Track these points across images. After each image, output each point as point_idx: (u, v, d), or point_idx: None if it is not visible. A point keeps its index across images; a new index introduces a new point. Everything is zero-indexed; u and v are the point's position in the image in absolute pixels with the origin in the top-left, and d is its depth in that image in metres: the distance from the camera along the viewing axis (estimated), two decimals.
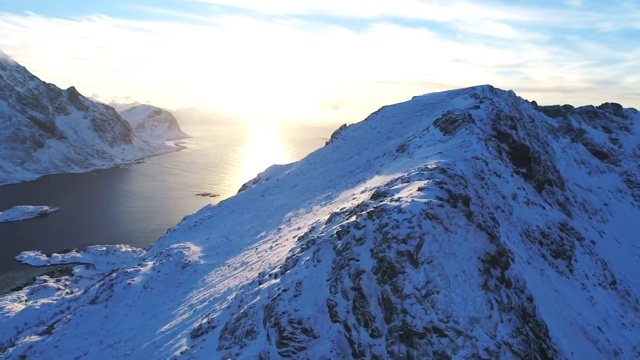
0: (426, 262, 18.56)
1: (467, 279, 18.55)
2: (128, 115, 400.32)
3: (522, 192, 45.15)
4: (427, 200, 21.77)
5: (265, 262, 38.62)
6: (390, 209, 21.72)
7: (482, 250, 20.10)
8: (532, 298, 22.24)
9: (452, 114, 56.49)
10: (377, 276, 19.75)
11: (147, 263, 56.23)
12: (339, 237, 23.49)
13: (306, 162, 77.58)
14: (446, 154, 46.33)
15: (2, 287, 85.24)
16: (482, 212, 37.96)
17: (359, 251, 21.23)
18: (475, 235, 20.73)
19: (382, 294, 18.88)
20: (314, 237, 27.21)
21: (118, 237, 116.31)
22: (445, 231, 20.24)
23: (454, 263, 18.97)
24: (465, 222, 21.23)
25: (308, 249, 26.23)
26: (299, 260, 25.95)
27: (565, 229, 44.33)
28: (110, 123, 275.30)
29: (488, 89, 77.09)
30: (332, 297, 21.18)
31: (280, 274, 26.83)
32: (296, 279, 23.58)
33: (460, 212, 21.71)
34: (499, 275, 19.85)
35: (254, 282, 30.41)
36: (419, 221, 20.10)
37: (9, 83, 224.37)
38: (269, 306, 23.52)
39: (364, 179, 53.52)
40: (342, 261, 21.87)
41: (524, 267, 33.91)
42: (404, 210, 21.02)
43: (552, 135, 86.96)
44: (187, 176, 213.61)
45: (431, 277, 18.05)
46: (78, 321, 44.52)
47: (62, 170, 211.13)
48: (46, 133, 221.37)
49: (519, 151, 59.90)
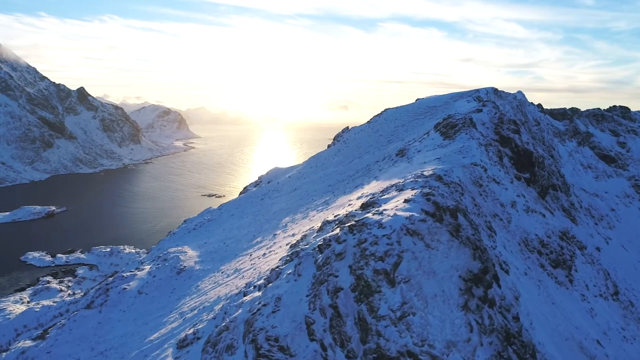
0: (403, 281, 17.84)
1: (446, 299, 17.79)
2: (137, 115, 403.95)
3: (521, 199, 44.09)
4: (409, 215, 21.03)
5: (257, 270, 38.11)
6: (371, 223, 21.03)
7: (465, 268, 19.32)
8: (518, 317, 21.38)
9: (453, 118, 55.53)
10: (354, 294, 19.06)
11: (144, 267, 56.04)
12: (320, 251, 22.85)
13: (307, 165, 76.99)
14: (444, 160, 45.49)
15: (6, 288, 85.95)
16: (478, 221, 37.13)
17: (338, 267, 20.57)
18: (457, 251, 19.95)
19: (359, 314, 18.20)
20: (297, 250, 26.60)
21: (123, 238, 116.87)
22: (426, 248, 19.49)
23: (433, 282, 18.21)
24: (448, 238, 20.45)
25: (291, 262, 25.64)
26: (281, 273, 25.38)
27: (566, 237, 43.18)
28: (119, 123, 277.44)
29: (492, 92, 75.85)
30: (310, 314, 20.54)
31: (263, 286, 26.26)
32: (276, 293, 22.99)
33: (444, 227, 20.93)
34: (481, 295, 19.04)
35: (240, 293, 29.89)
36: (399, 237, 19.37)
37: (19, 84, 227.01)
38: (249, 321, 22.97)
39: (362, 184, 52.80)
40: (322, 276, 21.22)
41: (519, 279, 32.96)
42: (384, 225, 20.31)
43: (558, 138, 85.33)
44: (194, 177, 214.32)
45: (407, 298, 17.32)
46: (72, 326, 44.38)
47: (71, 170, 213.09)
48: (55, 133, 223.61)
49: (522, 156, 58.70)
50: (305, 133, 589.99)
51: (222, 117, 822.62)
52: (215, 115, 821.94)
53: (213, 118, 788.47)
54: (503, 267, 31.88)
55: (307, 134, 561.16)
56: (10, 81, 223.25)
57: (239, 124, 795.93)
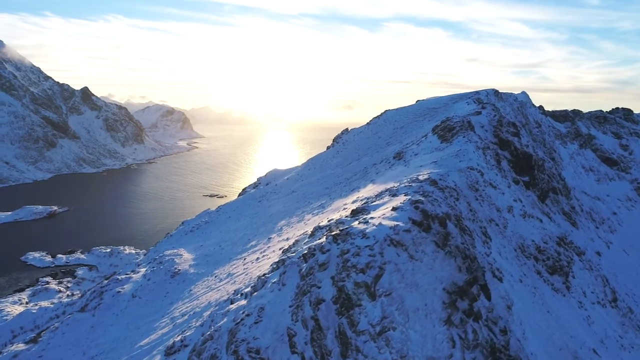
0: (384, 294, 17.36)
1: (428, 314, 17.30)
2: (141, 114, 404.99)
3: (518, 204, 43.44)
4: (394, 225, 20.54)
5: (248, 275, 37.72)
6: (355, 232, 20.55)
7: (449, 281, 18.81)
8: (506, 330, 20.84)
9: (451, 121, 54.92)
10: (336, 307, 18.60)
11: (140, 270, 55.81)
12: (305, 260, 22.41)
13: (305, 167, 76.53)
14: (440, 164, 44.93)
15: (6, 288, 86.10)
16: (473, 227, 36.56)
17: (321, 278, 20.11)
18: (443, 263, 19.44)
19: (339, 327, 17.74)
20: (284, 258, 26.17)
21: (123, 238, 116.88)
22: (410, 259, 19.00)
23: (416, 295, 17.72)
24: (433, 249, 19.95)
25: (277, 270, 25.23)
26: (267, 281, 24.97)
27: (563, 243, 42.48)
28: (122, 123, 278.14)
29: (493, 93, 75.09)
30: (292, 326, 20.11)
31: (249, 295, 25.85)
32: (260, 303, 22.58)
33: (429, 238, 20.41)
34: (466, 308, 18.52)
35: (228, 300, 29.49)
36: (382, 248, 18.89)
37: (23, 83, 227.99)
38: (233, 331, 22.57)
39: (359, 187, 52.31)
40: (305, 287, 20.78)
41: (513, 287, 32.37)
42: (368, 236, 19.82)
43: (560, 140, 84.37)
44: (196, 177, 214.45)
45: (388, 312, 16.84)
46: (65, 330, 44.20)
47: (74, 169, 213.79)
48: (59, 133, 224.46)
49: (521, 159, 58.02)
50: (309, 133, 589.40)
51: (227, 117, 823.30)
52: (219, 115, 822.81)
53: (217, 118, 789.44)
54: (496, 274, 31.32)
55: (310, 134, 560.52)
56: (14, 81, 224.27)
57: (244, 123, 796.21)
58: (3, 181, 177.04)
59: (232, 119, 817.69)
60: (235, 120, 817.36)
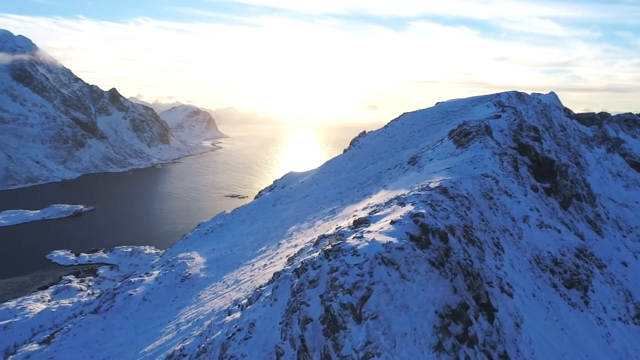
0: (371, 317, 16.54)
1: (417, 339, 16.39)
2: (168, 115, 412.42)
3: (535, 213, 41.66)
4: (387, 241, 19.66)
5: (253, 283, 37.37)
6: (346, 249, 19.77)
7: (442, 303, 17.83)
8: (507, 355, 19.69)
9: (467, 125, 53.31)
10: (323, 327, 17.90)
11: (153, 272, 56.34)
12: (297, 275, 21.76)
13: (321, 171, 75.92)
14: (454, 170, 43.63)
15: (30, 286, 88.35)
16: (484, 238, 35.19)
17: (311, 295, 19.42)
18: (436, 284, 18.47)
19: (324, 350, 17.03)
20: (280, 271, 25.59)
21: (145, 238, 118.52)
22: (401, 279, 18.11)
23: (405, 319, 16.84)
24: (427, 268, 18.98)
25: (272, 282, 24.69)
26: (261, 294, 24.46)
27: (583, 255, 40.49)
28: (148, 123, 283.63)
29: (515, 95, 72.76)
30: (280, 345, 19.51)
31: (245, 307, 25.40)
32: (251, 318, 22.08)
33: (424, 256, 19.44)
34: (459, 333, 17.51)
35: (227, 311, 29.14)
36: (371, 267, 18.06)
37: (54, 85, 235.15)
38: (224, 345, 22.16)
39: (371, 193, 51.42)
40: (295, 304, 20.14)
41: (524, 302, 30.90)
42: (359, 253, 19.02)
43: (586, 145, 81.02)
44: (218, 177, 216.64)
45: (373, 337, 16.02)
46: (76, 332, 44.90)
47: (102, 169, 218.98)
48: (88, 133, 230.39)
49: (542, 165, 55.94)
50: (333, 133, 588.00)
51: (252, 117, 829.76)
52: (245, 115, 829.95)
53: (243, 118, 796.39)
54: (506, 289, 29.95)
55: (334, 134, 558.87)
56: (46, 83, 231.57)
57: (269, 123, 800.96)
58: (33, 180, 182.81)
59: (257, 119, 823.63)
60: (260, 120, 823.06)
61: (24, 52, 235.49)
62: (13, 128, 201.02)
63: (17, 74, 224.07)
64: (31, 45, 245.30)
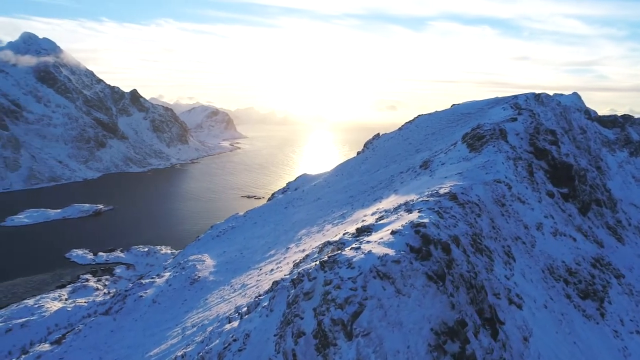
0: (362, 334, 16.01)
1: (410, 357, 15.78)
2: (187, 115, 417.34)
3: (549, 220, 40.33)
4: (383, 253, 19.07)
5: (259, 289, 37.14)
6: (342, 261, 19.25)
7: (438, 320, 17.16)
8: None
9: (481, 129, 52.10)
10: (316, 341, 17.45)
11: (164, 274, 56.73)
12: (294, 286, 21.34)
13: (334, 174, 75.43)
14: (466, 175, 42.65)
15: (49, 284, 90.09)
16: (494, 246, 34.20)
17: (305, 308, 18.99)
18: (433, 299, 17.80)
19: None
20: (278, 280, 25.21)
21: (161, 237, 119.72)
22: (396, 294, 17.51)
23: (398, 336, 16.25)
24: (424, 283, 18.32)
25: (271, 292, 24.33)
26: (259, 303, 24.14)
27: (599, 264, 39.03)
28: (168, 124, 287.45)
29: (533, 97, 70.95)
30: (273, 357, 19.14)
31: (245, 315, 25.13)
32: (247, 328, 21.77)
33: (420, 270, 18.78)
34: (456, 351, 16.82)
35: (227, 318, 28.93)
36: (365, 282, 17.51)
37: (77, 86, 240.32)
38: (220, 355, 21.94)
39: (381, 197, 50.72)
40: (290, 316, 19.73)
41: (535, 314, 29.83)
42: (353, 265, 18.48)
43: (607, 148, 78.42)
44: (235, 177, 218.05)
45: (364, 354, 15.50)
46: (87, 333, 45.42)
47: (122, 169, 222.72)
48: (109, 133, 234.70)
49: (560, 169, 54.30)
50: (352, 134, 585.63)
51: (271, 117, 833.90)
52: (263, 115, 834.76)
53: (261, 118, 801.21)
54: (514, 300, 28.95)
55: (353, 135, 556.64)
56: (69, 84, 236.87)
57: (287, 124, 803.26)
58: (56, 179, 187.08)
59: (276, 120, 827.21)
60: (278, 120, 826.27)
61: (48, 54, 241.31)
62: (37, 128, 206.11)
63: (42, 75, 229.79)
64: (55, 48, 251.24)
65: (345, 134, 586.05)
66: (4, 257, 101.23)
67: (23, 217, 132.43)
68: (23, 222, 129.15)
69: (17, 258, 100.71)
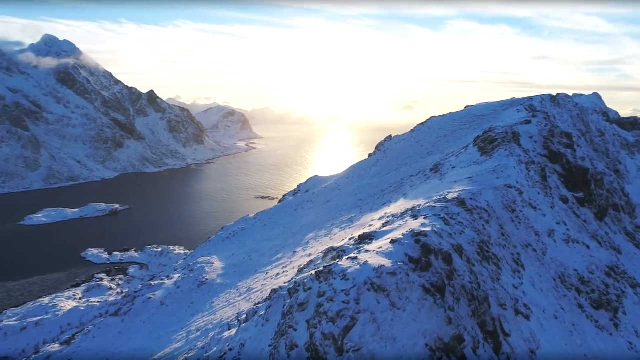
0: (353, 349, 15.55)
1: None
2: (204, 116, 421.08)
3: (561, 227, 39.17)
4: (379, 265, 18.57)
5: (263, 294, 36.93)
6: (337, 272, 18.80)
7: (434, 335, 16.59)
8: None
9: (493, 132, 51.01)
10: (308, 355, 17.05)
11: (174, 275, 57.00)
12: (290, 295, 20.97)
13: (344, 176, 74.90)
14: (475, 180, 41.78)
15: (64, 283, 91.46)
16: (503, 254, 33.33)
17: (299, 319, 18.59)
18: (429, 313, 17.23)
19: None
20: (276, 288, 24.87)
21: (175, 238, 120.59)
22: (390, 307, 17.00)
23: (390, 352, 15.74)
24: (420, 296, 17.75)
25: (268, 300, 24.01)
26: (257, 312, 23.85)
27: (614, 273, 37.73)
28: (184, 124, 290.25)
29: (548, 99, 69.31)
30: None
31: (242, 323, 24.87)
32: (243, 338, 21.50)
33: (417, 283, 18.22)
34: None
35: (227, 325, 28.74)
36: (358, 294, 17.04)
37: (95, 87, 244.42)
38: None
39: (390, 201, 50.10)
40: (284, 327, 19.37)
41: (543, 325, 28.90)
42: (348, 277, 18.02)
43: (627, 151, 76.10)
44: (249, 178, 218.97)
45: None
46: (95, 334, 45.85)
47: (138, 169, 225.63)
48: (126, 134, 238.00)
49: (575, 173, 52.88)
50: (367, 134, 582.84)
51: (286, 118, 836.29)
52: (279, 116, 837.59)
53: (277, 118, 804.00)
54: (522, 311, 28.09)
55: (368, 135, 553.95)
56: (88, 85, 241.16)
57: (303, 124, 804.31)
58: (74, 179, 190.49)
59: (292, 120, 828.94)
60: (294, 120, 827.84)
61: (68, 56, 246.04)
62: (57, 129, 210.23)
63: (62, 77, 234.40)
64: (75, 50, 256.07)
65: (361, 135, 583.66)
66: (23, 256, 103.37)
67: (42, 216, 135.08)
68: (41, 221, 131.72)
69: (35, 257, 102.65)
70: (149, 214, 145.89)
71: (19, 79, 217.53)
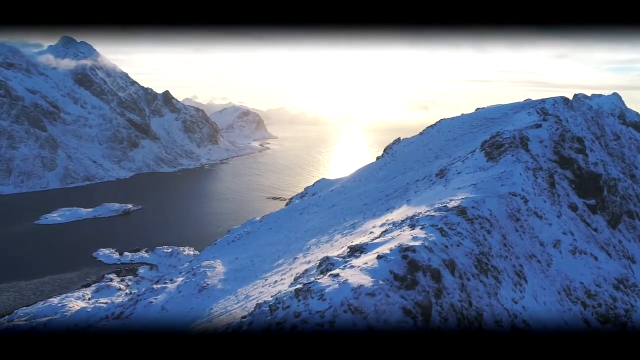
0: None
1: None
2: (219, 116, 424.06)
3: (568, 237, 37.76)
4: (359, 284, 17.81)
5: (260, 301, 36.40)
6: (315, 290, 18.11)
7: None
8: None
9: (500, 136, 49.63)
10: None
11: (177, 279, 56.97)
12: (271, 312, 20.32)
13: (351, 179, 74.08)
14: (479, 187, 40.62)
15: (75, 283, 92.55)
16: (504, 265, 32.21)
17: None
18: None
19: None
20: (261, 302, 24.24)
21: (187, 238, 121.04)
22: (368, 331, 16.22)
23: None
24: (399, 318, 16.94)
25: (251, 316, 23.38)
26: (241, 327, 23.24)
27: (623, 286, 36.22)
28: (198, 125, 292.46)
29: (561, 102, 67.38)
30: None
31: None
32: None
33: (397, 305, 17.38)
34: None
35: None
36: (334, 316, 16.31)
37: (112, 88, 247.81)
38: None
39: (393, 207, 49.18)
40: None
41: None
42: (325, 297, 17.32)
43: None
44: (261, 178, 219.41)
45: None
46: None
47: (153, 169, 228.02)
48: (141, 134, 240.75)
49: (586, 179, 51.18)
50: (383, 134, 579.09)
51: (301, 118, 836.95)
52: (294, 116, 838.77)
53: (292, 118, 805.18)
54: (520, 327, 26.97)
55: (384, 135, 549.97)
56: (104, 86, 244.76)
57: (317, 124, 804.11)
58: (90, 179, 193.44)
59: (306, 120, 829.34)
60: (309, 120, 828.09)
61: (85, 57, 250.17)
62: (73, 129, 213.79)
63: (79, 78, 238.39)
64: (92, 51, 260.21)
65: (376, 135, 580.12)
66: (36, 255, 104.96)
67: (56, 216, 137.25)
68: (56, 221, 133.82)
69: (48, 256, 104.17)
70: (161, 214, 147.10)
71: (38, 80, 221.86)
